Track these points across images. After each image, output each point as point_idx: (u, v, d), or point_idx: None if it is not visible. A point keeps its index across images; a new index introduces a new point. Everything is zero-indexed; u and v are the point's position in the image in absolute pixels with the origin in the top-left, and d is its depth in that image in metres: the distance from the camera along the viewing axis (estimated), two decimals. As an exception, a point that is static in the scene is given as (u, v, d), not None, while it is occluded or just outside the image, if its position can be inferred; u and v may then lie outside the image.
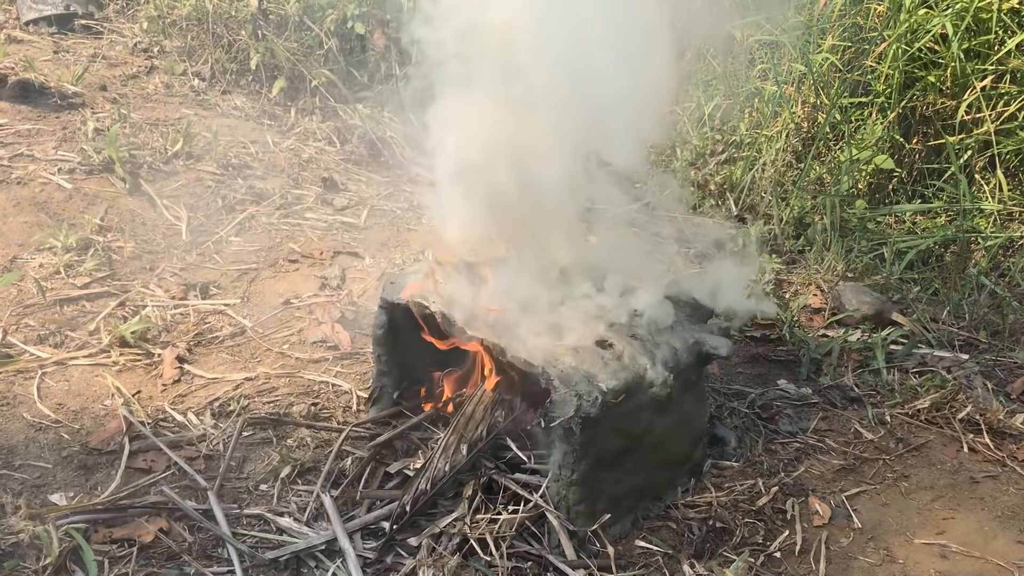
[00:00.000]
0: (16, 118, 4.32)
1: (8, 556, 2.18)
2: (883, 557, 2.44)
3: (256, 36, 5.16)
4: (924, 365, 3.39)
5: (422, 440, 2.68)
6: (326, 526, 2.39)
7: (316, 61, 5.16)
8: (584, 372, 2.26)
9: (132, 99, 4.80)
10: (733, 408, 3.04)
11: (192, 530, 2.37)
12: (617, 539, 2.41)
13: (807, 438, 2.94)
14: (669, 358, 2.41)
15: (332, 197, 4.43)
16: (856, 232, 4.43)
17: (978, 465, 2.84)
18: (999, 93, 4.55)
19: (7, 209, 3.64)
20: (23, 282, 3.30)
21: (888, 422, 3.04)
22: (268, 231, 4.04)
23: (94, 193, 3.89)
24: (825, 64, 4.83)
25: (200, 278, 3.61)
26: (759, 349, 3.54)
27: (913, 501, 2.68)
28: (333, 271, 3.77)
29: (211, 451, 2.70)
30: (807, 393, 3.20)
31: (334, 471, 2.58)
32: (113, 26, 5.65)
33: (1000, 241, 4.19)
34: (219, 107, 4.96)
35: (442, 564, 2.22)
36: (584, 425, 2.23)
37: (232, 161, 4.42)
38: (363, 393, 3.02)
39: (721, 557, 2.39)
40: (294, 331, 3.38)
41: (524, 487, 2.43)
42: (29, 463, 2.57)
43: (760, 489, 2.64)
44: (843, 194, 4.55)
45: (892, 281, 4.04)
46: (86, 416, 2.80)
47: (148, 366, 3.07)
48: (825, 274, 4.09)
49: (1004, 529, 2.56)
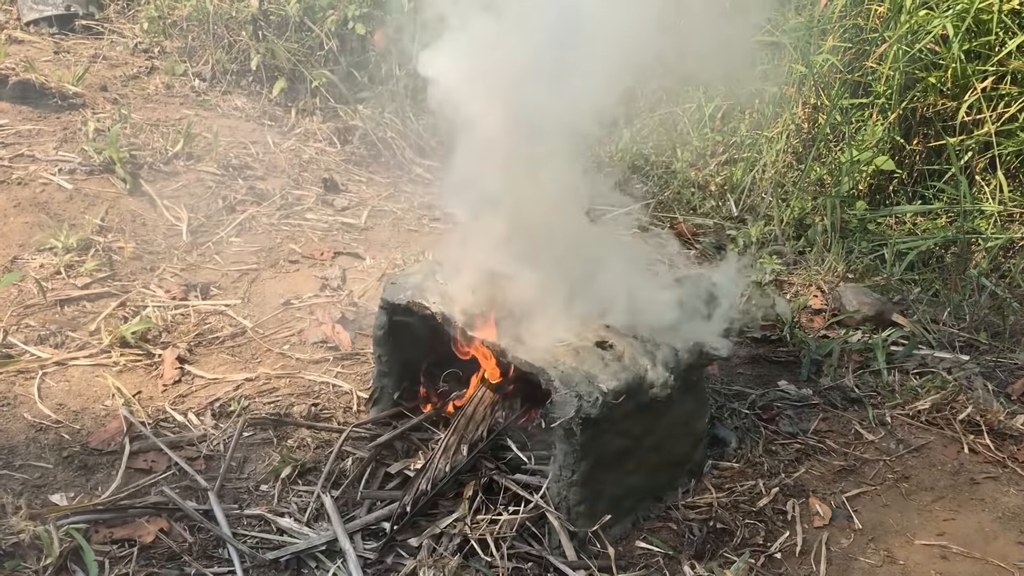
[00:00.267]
0: (17, 118, 4.32)
1: (9, 556, 2.18)
2: (884, 558, 2.44)
3: (257, 37, 5.16)
4: (925, 366, 3.39)
5: (422, 441, 2.68)
6: (326, 526, 2.39)
7: (317, 62, 5.16)
8: (585, 373, 2.26)
9: (133, 99, 4.80)
10: (733, 409, 3.04)
11: (192, 530, 2.37)
12: (618, 540, 2.42)
13: (807, 439, 2.94)
14: (669, 359, 2.41)
15: (333, 198, 4.43)
16: (856, 233, 4.44)
17: (979, 466, 2.84)
18: (1000, 94, 4.55)
19: (8, 209, 3.64)
20: (24, 282, 3.30)
21: (889, 423, 3.04)
22: (269, 232, 4.04)
23: (95, 193, 3.89)
24: (826, 65, 4.83)
25: (201, 278, 3.61)
26: (759, 350, 3.54)
27: (913, 502, 2.68)
28: (334, 272, 3.77)
29: (211, 451, 2.70)
30: (808, 394, 3.20)
31: (335, 471, 2.58)
32: (114, 27, 5.65)
33: (1001, 242, 4.19)
34: (220, 108, 4.96)
35: (443, 565, 2.22)
36: (585, 426, 2.23)
37: (233, 162, 4.42)
38: (363, 394, 3.02)
39: (722, 558, 2.39)
40: (294, 332, 3.38)
41: (524, 488, 2.43)
42: (30, 463, 2.57)
43: (761, 490, 2.64)
44: (843, 195, 4.55)
45: (892, 282, 4.04)
46: (87, 416, 2.80)
47: (149, 366, 3.07)
48: (826, 275, 4.09)
49: (1005, 530, 2.56)
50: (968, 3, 4.47)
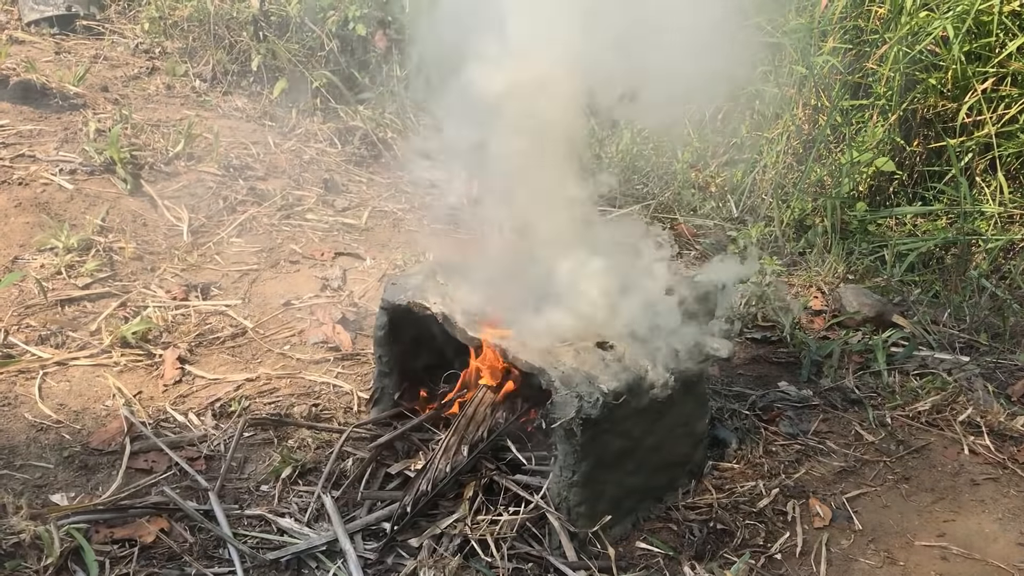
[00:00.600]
0: (18, 119, 4.32)
1: (9, 556, 2.18)
2: (884, 559, 2.44)
3: (257, 37, 5.17)
4: (925, 367, 3.39)
5: (423, 441, 2.68)
6: (327, 527, 2.39)
7: (317, 62, 5.16)
8: (585, 373, 2.26)
9: (133, 100, 4.80)
10: (734, 410, 3.04)
11: (193, 531, 2.37)
12: (618, 540, 2.42)
13: (808, 440, 2.94)
14: (670, 359, 2.41)
15: (333, 198, 4.44)
16: (857, 234, 4.44)
17: (979, 467, 2.84)
18: (1000, 96, 4.55)
19: (8, 209, 3.65)
20: (24, 282, 3.31)
21: (889, 424, 3.05)
22: (269, 232, 4.04)
23: (95, 194, 3.89)
24: (826, 66, 4.83)
25: (201, 279, 3.61)
26: (760, 351, 3.54)
27: (914, 503, 2.68)
28: (334, 272, 3.77)
29: (212, 452, 2.70)
30: (808, 395, 3.20)
31: (335, 472, 2.58)
32: (114, 27, 5.65)
33: (1001, 244, 4.19)
34: (220, 108, 4.96)
35: (443, 565, 2.22)
36: (585, 426, 2.23)
37: (233, 162, 4.42)
38: (364, 394, 3.02)
39: (722, 559, 2.39)
40: (295, 332, 3.38)
41: (525, 488, 2.43)
42: (30, 463, 2.57)
43: (761, 491, 2.64)
44: (844, 196, 4.56)
45: (893, 283, 4.04)
46: (87, 416, 2.80)
47: (149, 367, 3.07)
48: (826, 276, 4.10)
49: (1005, 531, 2.56)
50: (968, 5, 4.47)
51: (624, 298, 2.50)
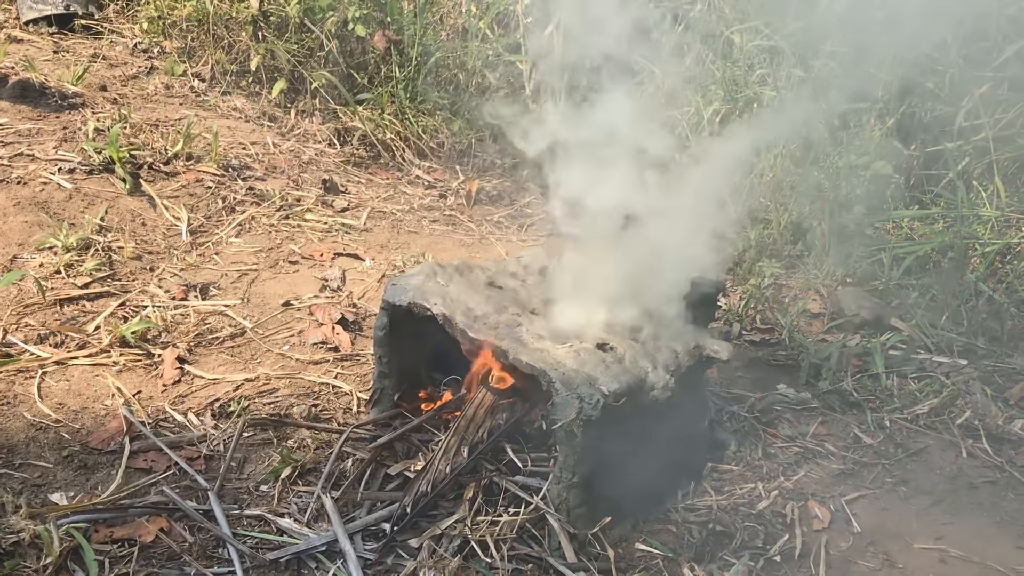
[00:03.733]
0: (16, 118, 4.32)
1: (9, 555, 2.17)
2: (882, 562, 2.44)
3: (256, 38, 5.17)
4: (923, 370, 3.40)
5: (423, 442, 2.68)
6: (327, 527, 2.39)
7: (316, 63, 5.16)
8: (585, 375, 2.26)
9: (132, 99, 4.80)
10: (733, 412, 3.04)
11: (193, 530, 2.37)
12: (617, 542, 2.42)
13: (806, 442, 2.95)
14: (670, 361, 2.42)
15: (332, 199, 4.44)
16: (854, 238, 4.44)
17: (977, 470, 2.85)
18: (997, 100, 4.56)
19: (7, 209, 3.64)
20: (23, 281, 3.30)
21: (887, 427, 3.05)
22: (268, 232, 4.04)
23: (94, 193, 3.89)
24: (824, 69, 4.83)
25: (200, 279, 3.61)
26: (759, 353, 3.55)
27: (912, 506, 2.68)
28: (333, 272, 3.77)
29: (211, 452, 2.70)
30: (806, 398, 3.21)
31: (335, 472, 2.58)
32: (113, 26, 5.65)
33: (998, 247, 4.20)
34: (219, 108, 4.96)
35: (443, 566, 2.22)
36: (585, 427, 2.23)
37: (232, 162, 4.42)
38: (364, 395, 3.02)
39: (721, 561, 2.39)
40: (294, 332, 3.38)
41: (525, 489, 2.44)
42: (30, 462, 2.57)
43: (760, 493, 2.64)
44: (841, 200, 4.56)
45: (891, 286, 4.05)
46: (86, 416, 2.80)
47: (148, 366, 3.07)
48: (824, 279, 4.11)
49: (1003, 534, 2.57)
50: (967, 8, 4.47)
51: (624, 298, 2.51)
